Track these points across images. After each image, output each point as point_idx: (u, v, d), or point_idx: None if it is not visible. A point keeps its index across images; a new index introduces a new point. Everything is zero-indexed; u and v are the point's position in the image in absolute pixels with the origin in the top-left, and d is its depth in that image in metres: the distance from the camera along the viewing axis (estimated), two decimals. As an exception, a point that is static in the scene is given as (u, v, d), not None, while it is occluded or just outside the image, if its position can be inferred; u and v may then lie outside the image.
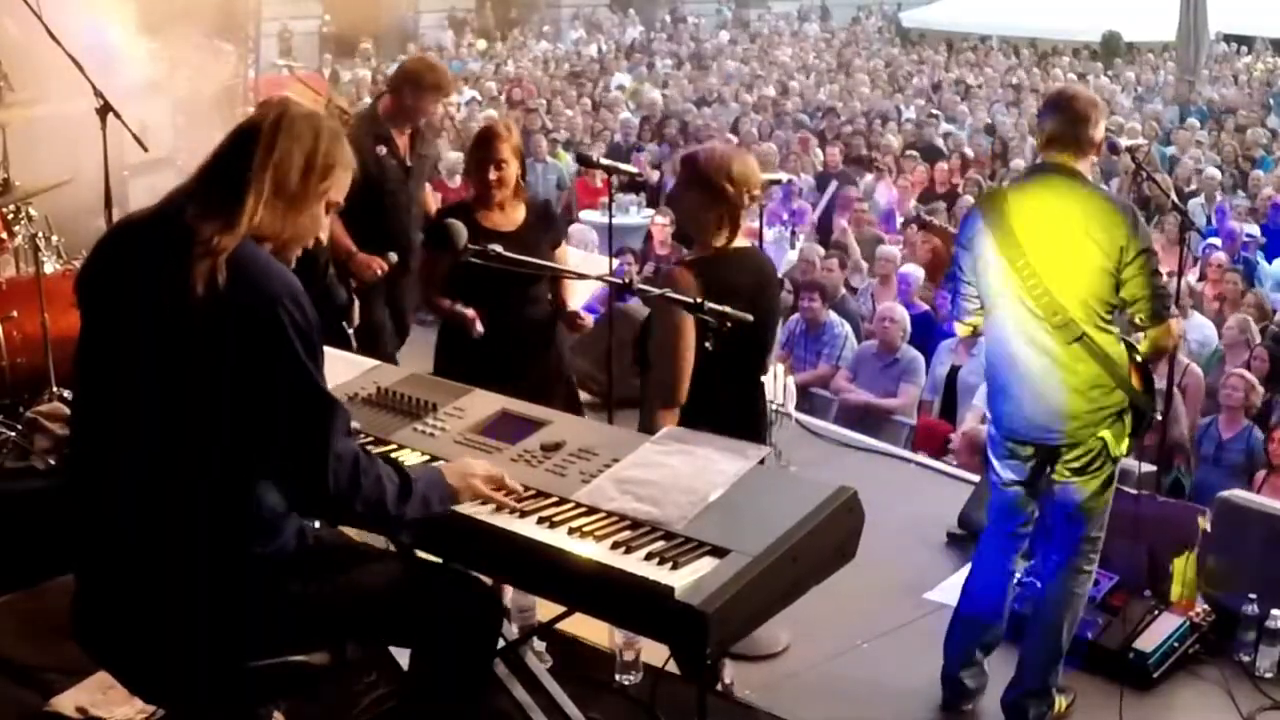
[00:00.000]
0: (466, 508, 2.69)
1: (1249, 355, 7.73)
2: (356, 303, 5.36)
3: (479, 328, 4.49)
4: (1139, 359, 3.86)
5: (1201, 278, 9.51)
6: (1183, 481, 6.87)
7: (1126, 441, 3.87)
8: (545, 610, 3.84)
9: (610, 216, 5.52)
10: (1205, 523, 4.60)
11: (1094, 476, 3.87)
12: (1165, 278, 3.89)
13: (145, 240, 2.45)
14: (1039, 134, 3.98)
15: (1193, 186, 12.39)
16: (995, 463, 4.01)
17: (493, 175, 4.56)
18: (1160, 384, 5.63)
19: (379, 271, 5.41)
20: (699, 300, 3.29)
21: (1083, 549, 3.95)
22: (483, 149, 4.62)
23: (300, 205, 2.48)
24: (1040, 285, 3.73)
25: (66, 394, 5.30)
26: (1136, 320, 3.83)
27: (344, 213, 2.71)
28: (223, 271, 2.32)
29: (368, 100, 9.53)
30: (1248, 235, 10.36)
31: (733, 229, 3.81)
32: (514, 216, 4.65)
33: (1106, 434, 3.81)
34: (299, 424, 2.40)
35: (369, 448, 2.69)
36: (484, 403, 3.17)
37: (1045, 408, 3.81)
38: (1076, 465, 3.87)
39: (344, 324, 5.18)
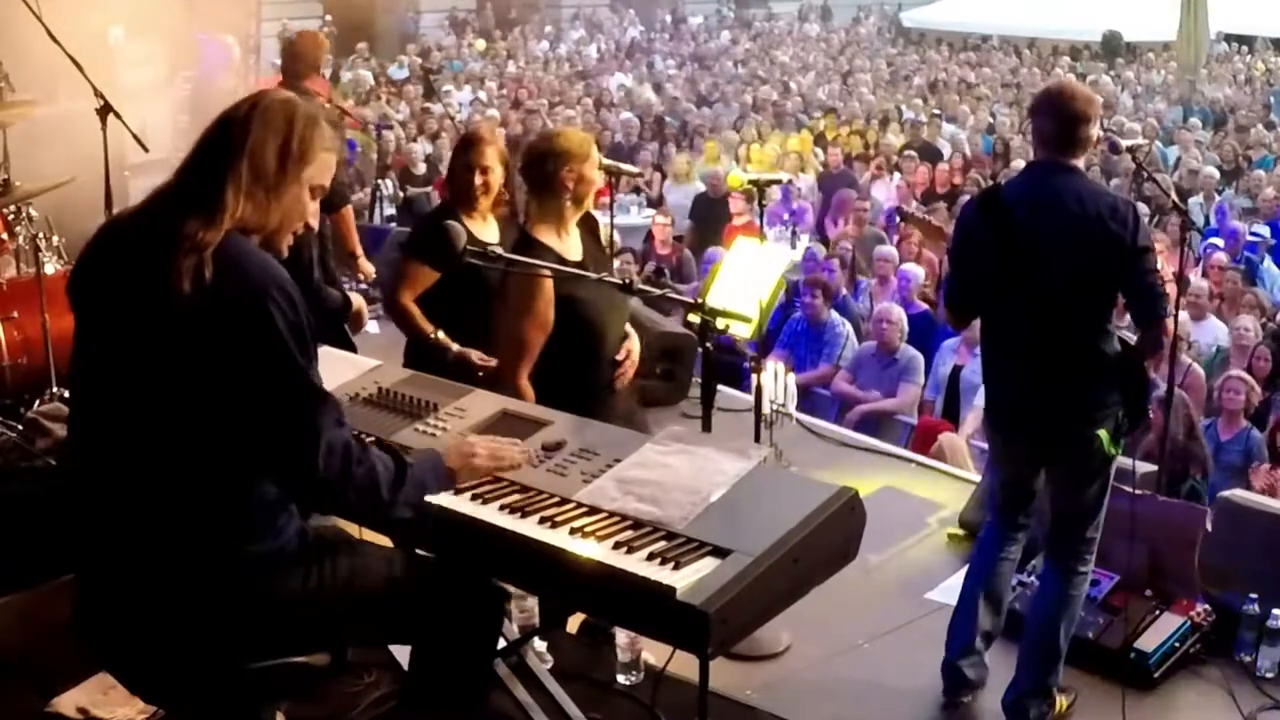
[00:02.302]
0: (468, 508, 2.69)
1: (1251, 356, 7.74)
2: (359, 301, 5.32)
3: (488, 363, 4.26)
4: (1134, 356, 3.86)
5: (1203, 277, 9.51)
6: (1199, 489, 6.73)
7: (1121, 441, 3.87)
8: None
9: (611, 217, 5.53)
10: (1206, 522, 4.60)
11: (1089, 475, 3.86)
12: (1166, 276, 3.88)
13: (132, 240, 2.45)
14: (1033, 132, 3.90)
15: (1193, 186, 12.40)
16: (992, 457, 4.01)
17: (477, 180, 4.48)
18: (1163, 386, 5.64)
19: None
20: (699, 300, 3.29)
21: (1078, 549, 3.95)
22: (467, 152, 4.53)
23: (281, 191, 2.47)
24: (1036, 281, 3.73)
25: (67, 394, 5.30)
26: (1132, 318, 3.83)
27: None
28: (209, 266, 2.31)
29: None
30: (1254, 235, 10.33)
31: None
32: (493, 228, 4.56)
33: (1102, 433, 3.80)
34: (285, 414, 2.40)
35: (363, 437, 2.69)
36: (484, 403, 3.16)
37: (1041, 404, 3.81)
38: (1071, 463, 3.87)
39: (345, 327, 5.11)
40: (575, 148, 3.85)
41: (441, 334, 4.39)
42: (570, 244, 3.93)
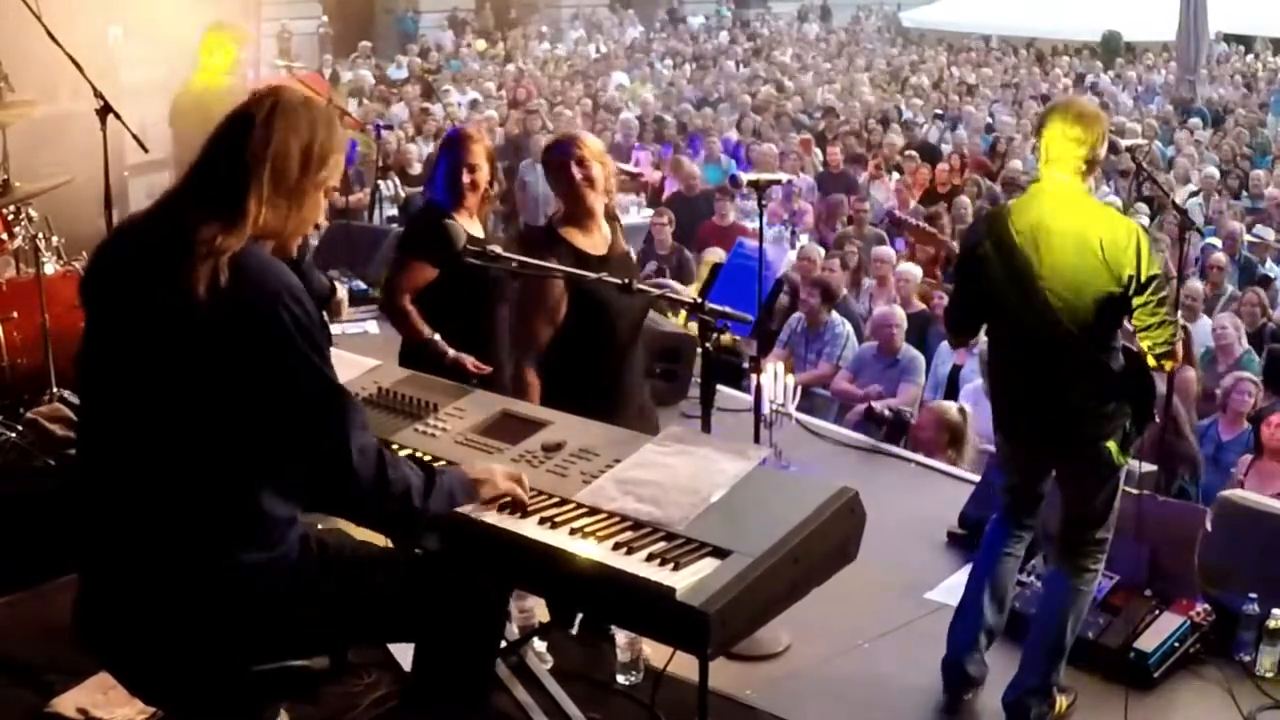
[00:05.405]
0: (468, 508, 2.69)
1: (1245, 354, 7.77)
2: (341, 291, 5.34)
3: (482, 369, 4.26)
4: (1139, 366, 3.85)
5: (1202, 277, 9.51)
6: (1188, 490, 6.81)
7: (1130, 449, 3.86)
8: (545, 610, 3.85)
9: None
10: (1206, 522, 4.60)
11: (1098, 483, 3.86)
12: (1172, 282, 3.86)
13: (145, 242, 2.43)
14: (1040, 149, 3.82)
15: (1192, 186, 12.40)
16: (999, 467, 4.01)
17: (465, 179, 4.43)
18: (1160, 386, 5.64)
19: None
20: (699, 300, 3.29)
21: (1089, 550, 3.94)
22: (455, 151, 4.49)
23: (302, 198, 2.46)
24: (1045, 300, 3.70)
25: (66, 394, 5.30)
26: (1143, 347, 3.80)
27: None
28: (225, 272, 2.30)
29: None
30: (1256, 236, 10.31)
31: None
32: (477, 226, 4.51)
33: (1110, 444, 3.80)
34: (313, 421, 2.40)
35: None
36: (484, 403, 3.17)
37: (1048, 419, 3.80)
38: (1081, 472, 3.86)
39: (324, 315, 5.12)
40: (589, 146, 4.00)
41: (438, 337, 4.34)
42: (597, 239, 4.00)
